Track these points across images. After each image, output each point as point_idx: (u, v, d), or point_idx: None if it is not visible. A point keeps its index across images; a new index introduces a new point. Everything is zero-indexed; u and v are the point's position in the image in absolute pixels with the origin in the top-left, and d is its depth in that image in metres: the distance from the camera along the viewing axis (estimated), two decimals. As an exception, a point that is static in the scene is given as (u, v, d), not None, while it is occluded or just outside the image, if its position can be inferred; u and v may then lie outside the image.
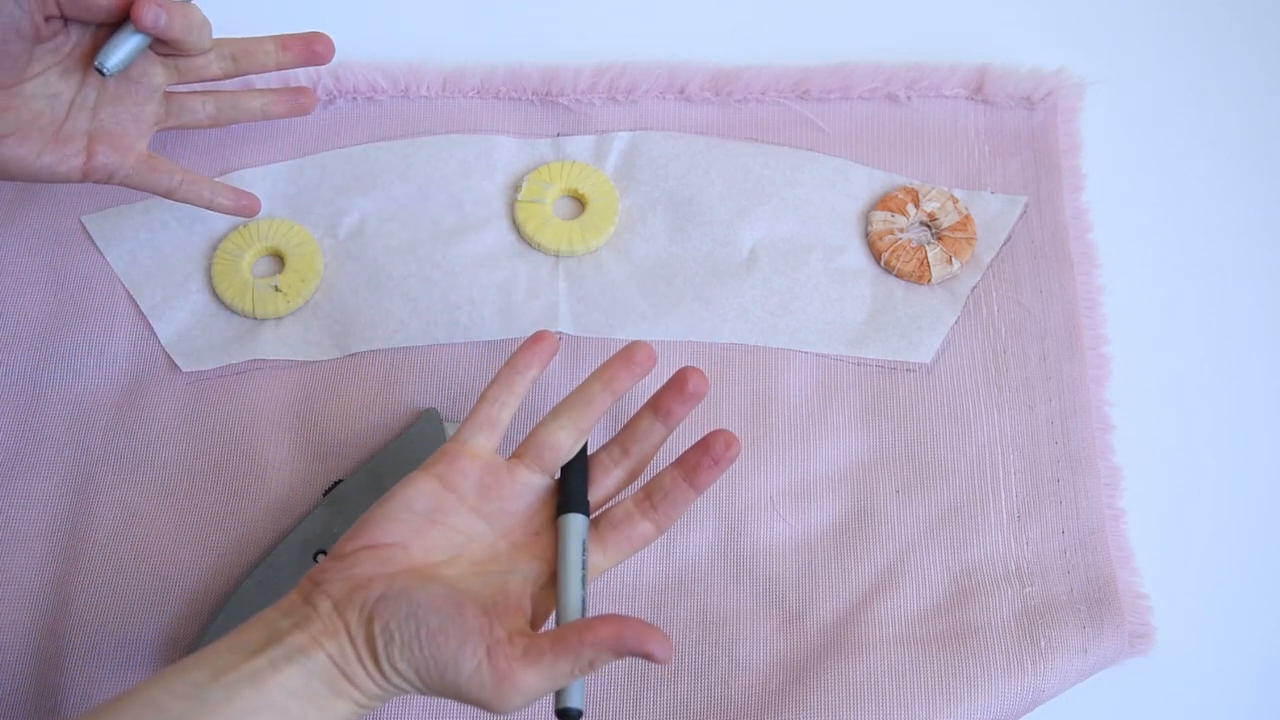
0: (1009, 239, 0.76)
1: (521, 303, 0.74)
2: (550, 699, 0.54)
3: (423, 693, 0.52)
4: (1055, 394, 0.72)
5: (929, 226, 0.76)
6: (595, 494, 0.59)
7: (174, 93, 0.71)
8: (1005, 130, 0.79)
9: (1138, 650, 0.66)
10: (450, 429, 0.70)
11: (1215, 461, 0.72)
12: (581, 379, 0.71)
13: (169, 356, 0.72)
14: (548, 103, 0.79)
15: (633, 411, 0.70)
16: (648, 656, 0.51)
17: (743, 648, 0.66)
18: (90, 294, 0.74)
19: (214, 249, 0.75)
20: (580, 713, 0.53)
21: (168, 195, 0.70)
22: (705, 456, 0.58)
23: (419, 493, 0.56)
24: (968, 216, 0.76)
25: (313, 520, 0.67)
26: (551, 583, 0.56)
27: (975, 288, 0.74)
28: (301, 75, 0.78)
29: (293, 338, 0.73)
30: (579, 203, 0.77)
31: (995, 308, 0.74)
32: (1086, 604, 0.66)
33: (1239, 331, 0.75)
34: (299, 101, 0.75)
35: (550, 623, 0.56)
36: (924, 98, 0.80)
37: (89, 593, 0.66)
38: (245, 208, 0.73)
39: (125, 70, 0.67)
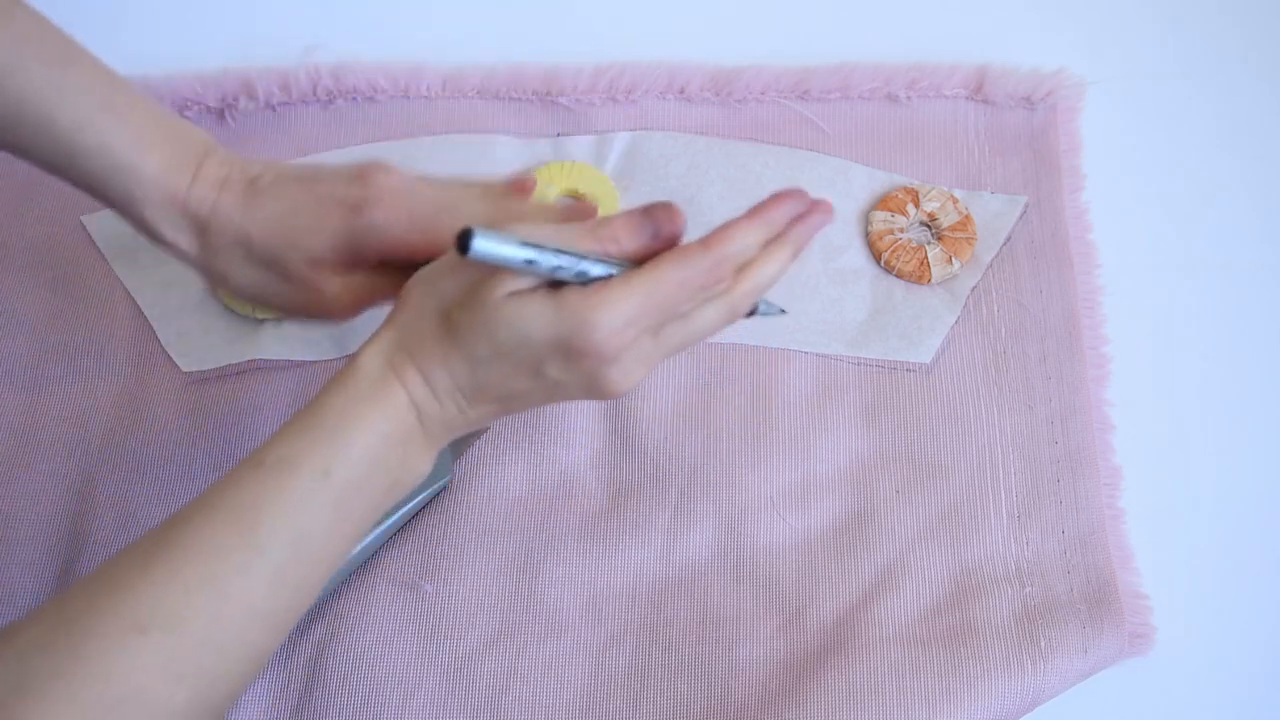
0: (1009, 239, 0.76)
1: (521, 303, 0.73)
2: None
3: None
4: (1055, 394, 0.71)
5: (929, 226, 0.76)
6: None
7: None
8: (1005, 130, 0.79)
9: (1138, 650, 0.66)
10: (450, 428, 0.70)
11: (1215, 461, 0.72)
12: (582, 379, 0.71)
13: (169, 356, 0.72)
14: (548, 103, 0.79)
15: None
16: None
17: (743, 648, 0.66)
18: (90, 294, 0.74)
19: (214, 249, 0.75)
20: (470, 236, 0.49)
21: None
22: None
23: None
24: (968, 216, 0.76)
25: (313, 520, 0.67)
26: None
27: (975, 288, 0.74)
28: (301, 74, 0.78)
29: (293, 338, 0.73)
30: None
31: (995, 308, 0.74)
32: (1086, 604, 0.66)
33: (1239, 331, 0.75)
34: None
35: None
36: (924, 98, 0.80)
37: (89, 593, 0.66)
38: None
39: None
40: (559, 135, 0.79)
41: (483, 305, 0.52)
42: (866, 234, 0.76)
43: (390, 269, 0.62)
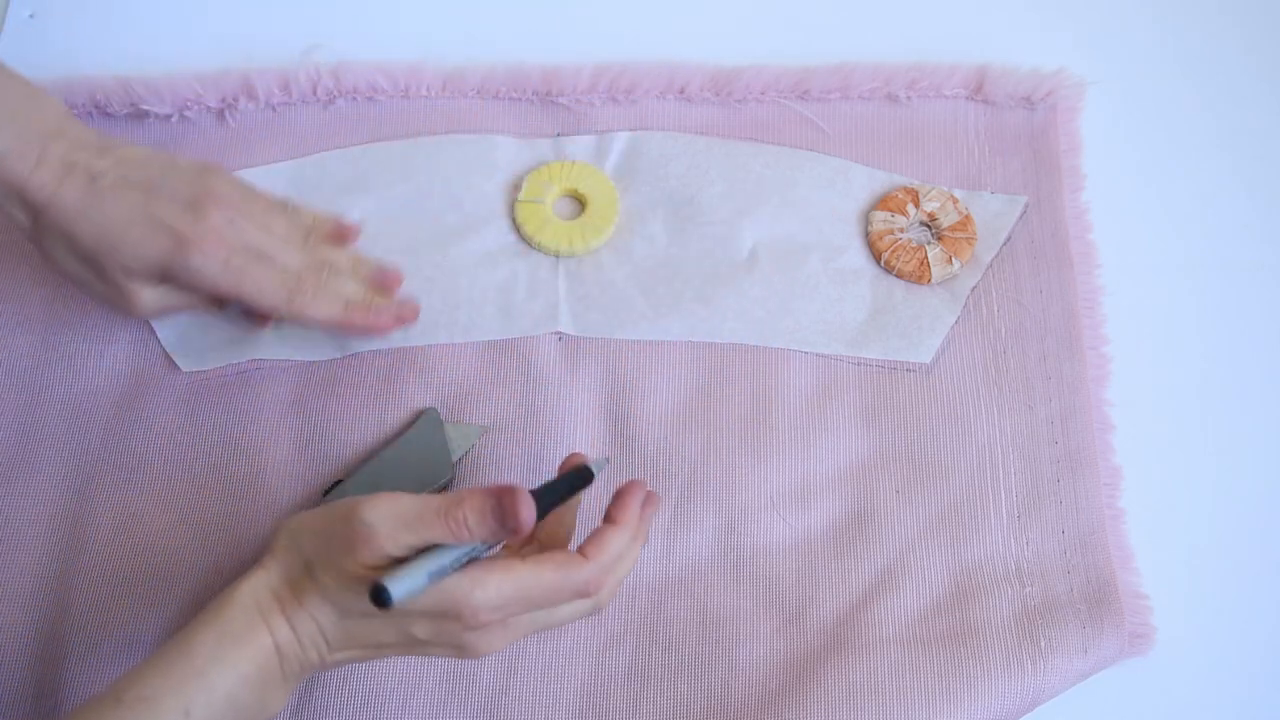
0: (1009, 239, 0.76)
1: (521, 303, 0.74)
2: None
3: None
4: (1055, 394, 0.71)
5: (929, 226, 0.76)
6: None
7: None
8: (1005, 130, 0.79)
9: (1138, 650, 0.66)
10: (450, 429, 0.70)
11: (1215, 461, 0.72)
12: (581, 379, 0.71)
13: (169, 356, 0.72)
14: (548, 103, 0.79)
15: (635, 414, 0.70)
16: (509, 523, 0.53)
17: (743, 648, 0.66)
18: (90, 294, 0.74)
19: (214, 249, 0.75)
20: (387, 595, 0.51)
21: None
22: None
23: None
24: (968, 216, 0.76)
25: (312, 520, 0.67)
26: None
27: (975, 288, 0.74)
28: (301, 74, 0.78)
29: (293, 337, 0.73)
30: (579, 203, 0.77)
31: (995, 308, 0.74)
32: (1086, 604, 0.66)
33: (1239, 331, 0.75)
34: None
35: None
36: (924, 98, 0.80)
37: (89, 593, 0.66)
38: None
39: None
40: (559, 135, 0.79)
41: (355, 574, 0.53)
42: (866, 234, 0.76)
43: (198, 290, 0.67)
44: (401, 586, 0.51)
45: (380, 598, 0.51)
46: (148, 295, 0.66)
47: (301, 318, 0.67)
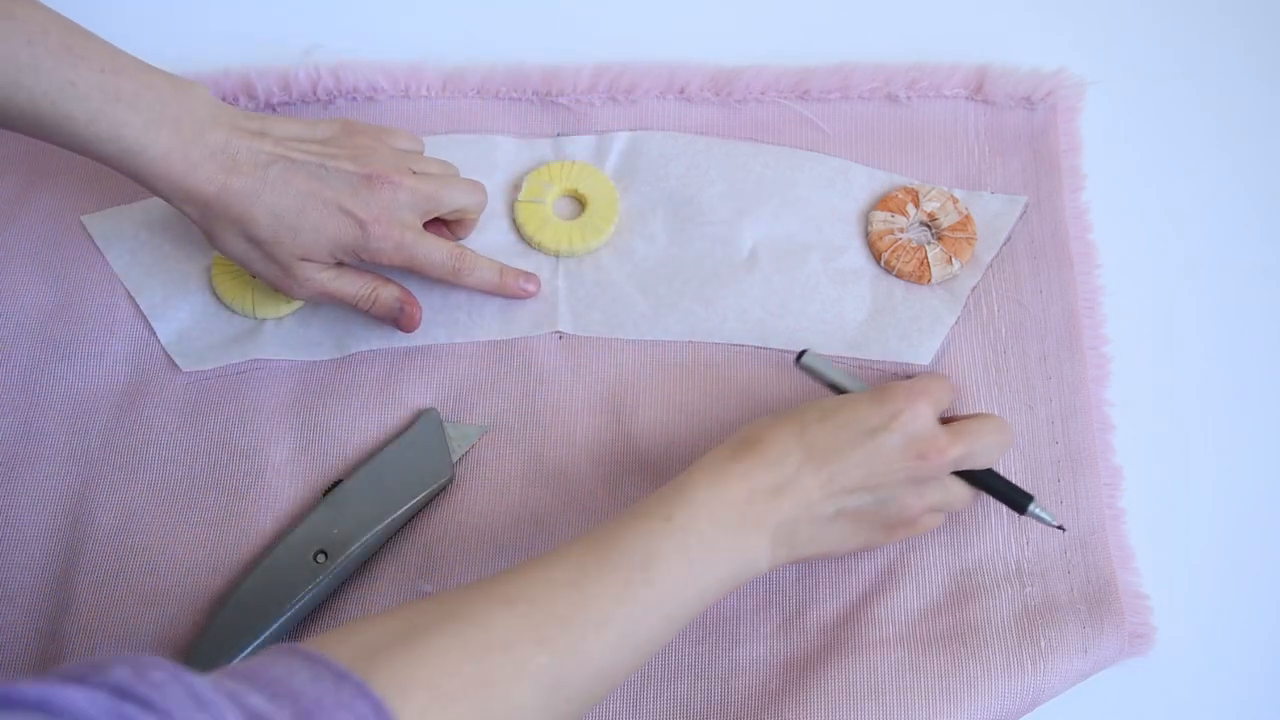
0: (1009, 239, 0.76)
1: (521, 302, 0.74)
2: None
3: None
4: (1055, 394, 0.71)
5: (929, 226, 0.76)
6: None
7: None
8: (1005, 130, 0.79)
9: (1138, 650, 0.66)
10: (450, 428, 0.70)
11: (1215, 461, 0.72)
12: (581, 380, 0.71)
13: (169, 356, 0.72)
14: (548, 103, 0.79)
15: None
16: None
17: (743, 648, 0.66)
18: (90, 294, 0.74)
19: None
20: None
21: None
22: None
23: None
24: (968, 216, 0.76)
25: (313, 520, 0.67)
26: None
27: (975, 288, 0.74)
28: (301, 74, 0.78)
29: (293, 338, 0.73)
30: (579, 203, 0.77)
31: (995, 308, 0.74)
32: (1086, 604, 0.66)
33: (1239, 331, 0.75)
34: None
35: None
36: (924, 98, 0.80)
37: (89, 593, 0.66)
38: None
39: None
40: (559, 135, 0.79)
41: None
42: (866, 234, 0.76)
43: (358, 270, 0.70)
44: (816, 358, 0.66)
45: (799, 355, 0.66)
46: (315, 279, 0.68)
47: (465, 283, 0.71)
